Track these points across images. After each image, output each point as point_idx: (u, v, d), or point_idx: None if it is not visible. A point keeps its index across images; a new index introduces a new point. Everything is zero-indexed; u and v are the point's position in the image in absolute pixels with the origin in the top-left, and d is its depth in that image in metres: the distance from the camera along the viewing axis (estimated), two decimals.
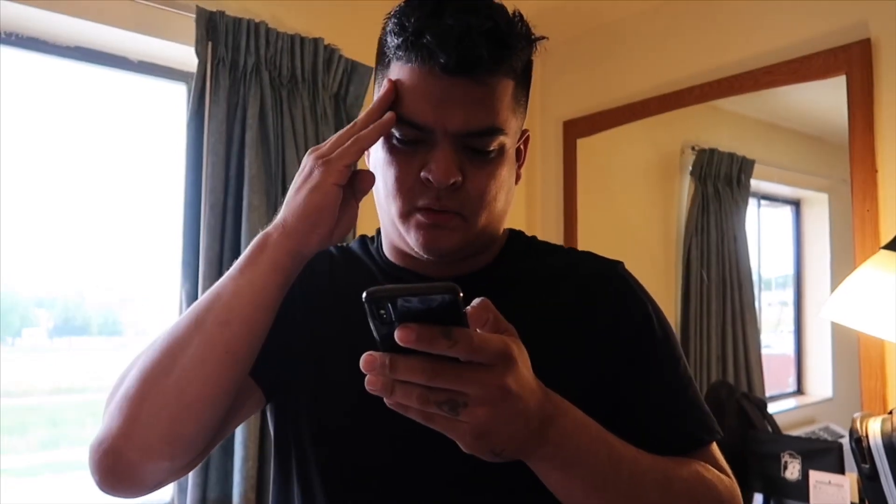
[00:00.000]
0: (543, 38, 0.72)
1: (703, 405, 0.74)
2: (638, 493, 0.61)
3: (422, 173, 0.66)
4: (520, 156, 0.78)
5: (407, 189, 0.68)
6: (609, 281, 0.77)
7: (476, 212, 0.69)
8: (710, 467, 0.70)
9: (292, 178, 1.98)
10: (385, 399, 0.50)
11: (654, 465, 0.64)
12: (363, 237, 0.87)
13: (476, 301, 0.52)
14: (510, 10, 0.69)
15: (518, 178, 0.78)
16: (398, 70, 0.67)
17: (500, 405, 0.49)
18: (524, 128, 0.77)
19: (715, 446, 0.74)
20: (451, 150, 0.65)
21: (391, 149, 0.69)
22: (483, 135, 0.66)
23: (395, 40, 0.66)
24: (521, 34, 0.68)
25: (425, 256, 0.71)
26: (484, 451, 0.51)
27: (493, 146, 0.67)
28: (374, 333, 0.48)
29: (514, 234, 0.85)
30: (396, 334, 0.46)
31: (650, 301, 0.78)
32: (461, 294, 0.46)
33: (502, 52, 0.65)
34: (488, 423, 0.50)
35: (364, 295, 0.46)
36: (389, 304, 0.46)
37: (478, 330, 0.50)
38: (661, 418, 0.71)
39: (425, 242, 0.69)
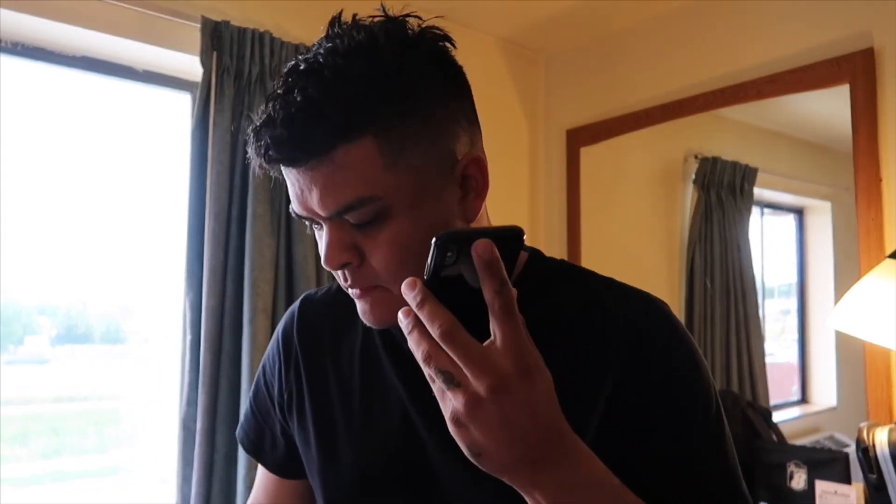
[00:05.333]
0: (436, 47, 0.63)
1: (731, 474, 0.65)
2: None
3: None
4: (468, 182, 0.65)
5: (328, 269, 0.66)
6: (628, 331, 0.66)
7: (393, 280, 0.63)
8: None
9: None
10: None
11: None
12: None
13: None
14: (373, 31, 0.60)
15: (476, 209, 0.66)
16: None
17: (485, 406, 0.48)
18: (465, 153, 0.64)
19: None
20: (335, 232, 0.62)
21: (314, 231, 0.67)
22: (350, 210, 0.60)
23: None
24: (358, 88, 0.58)
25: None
26: (462, 442, 0.50)
27: (370, 216, 0.60)
28: (428, 274, 0.50)
29: (533, 261, 0.75)
30: (477, 245, 0.48)
31: (677, 353, 0.66)
32: (525, 235, 0.51)
33: (310, 134, 0.58)
34: (468, 416, 0.49)
35: (434, 239, 0.49)
36: (458, 246, 0.49)
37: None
38: (675, 493, 0.62)
39: (363, 317, 0.66)
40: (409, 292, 0.50)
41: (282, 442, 0.83)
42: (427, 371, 0.50)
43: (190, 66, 1.71)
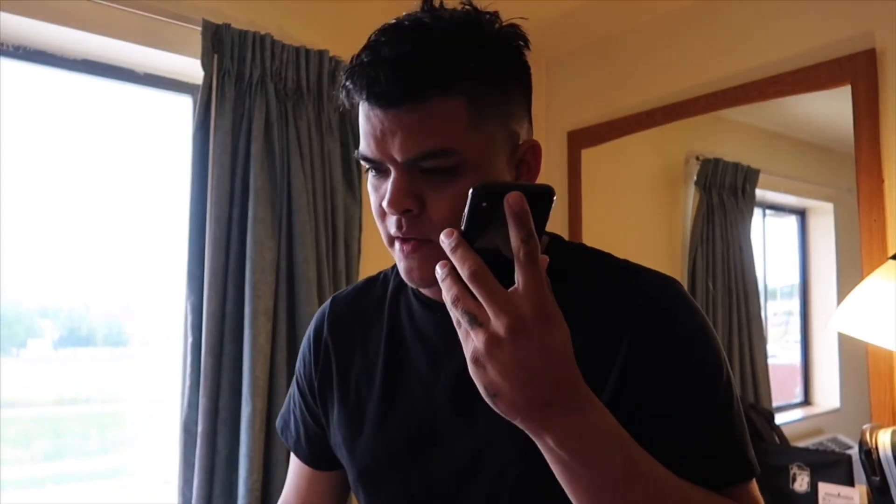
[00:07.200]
0: (514, 34, 0.69)
1: (738, 442, 0.68)
2: None
3: (382, 203, 0.67)
4: (522, 167, 0.72)
5: (381, 218, 0.70)
6: (643, 303, 0.70)
7: None
8: None
9: (297, 190, 1.98)
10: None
11: (678, 491, 0.61)
12: None
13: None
14: (471, 11, 0.67)
15: None
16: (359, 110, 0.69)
17: (503, 346, 0.51)
18: (525, 139, 0.72)
19: (753, 487, 0.69)
20: (404, 178, 0.65)
21: (370, 181, 0.71)
22: (429, 158, 0.64)
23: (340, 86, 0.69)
24: (459, 47, 0.64)
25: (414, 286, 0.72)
26: (479, 383, 0.54)
27: (444, 167, 0.65)
28: (464, 223, 0.54)
29: (554, 244, 0.78)
30: (509, 196, 0.51)
31: (689, 325, 0.70)
32: (555, 197, 0.54)
33: (420, 77, 0.63)
34: (486, 354, 0.52)
35: (472, 189, 0.53)
36: (493, 198, 0.53)
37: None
38: (682, 456, 0.65)
39: (405, 272, 0.70)
40: (445, 239, 0.54)
41: (314, 435, 0.89)
42: (454, 314, 0.54)
43: (191, 69, 1.71)
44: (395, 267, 0.88)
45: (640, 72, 2.17)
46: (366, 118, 0.66)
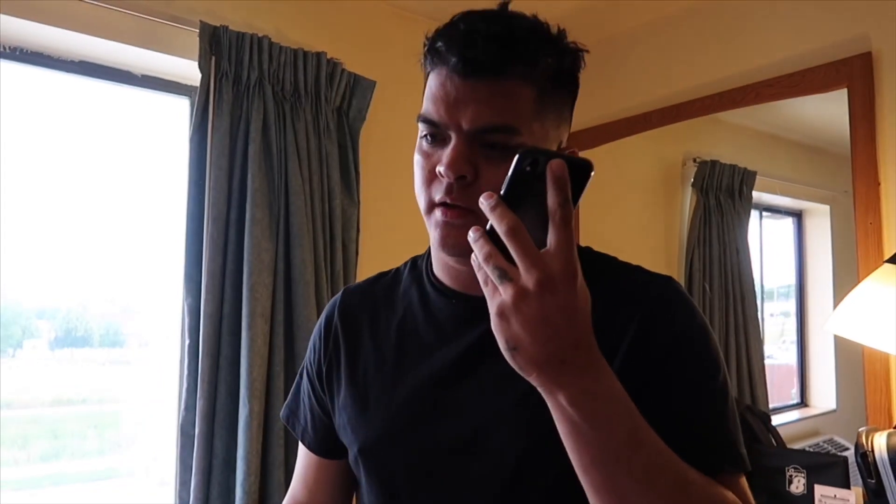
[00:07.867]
0: (580, 49, 0.74)
1: (731, 433, 0.70)
2: (648, 487, 0.59)
3: (437, 167, 0.70)
4: None
5: (427, 184, 0.72)
6: (650, 296, 0.74)
7: None
8: (734, 495, 0.67)
9: (295, 192, 1.97)
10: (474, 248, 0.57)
11: (677, 465, 0.62)
12: (414, 259, 0.90)
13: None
14: (545, 22, 0.72)
15: None
16: (429, 77, 0.73)
17: (530, 300, 0.54)
18: (565, 145, 0.77)
19: (743, 482, 0.71)
20: (464, 145, 0.68)
21: (419, 147, 0.74)
22: (494, 131, 0.68)
23: (423, 50, 0.73)
24: (541, 43, 0.70)
25: (444, 254, 0.75)
26: (501, 336, 0.56)
27: (504, 143, 0.68)
28: (505, 185, 0.57)
29: None
30: (553, 162, 0.55)
31: (692, 322, 0.73)
32: (593, 172, 0.57)
33: (507, 55, 0.68)
34: (513, 307, 0.54)
35: (518, 152, 0.57)
36: (536, 162, 0.56)
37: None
38: (676, 445, 0.65)
39: (440, 238, 0.71)
40: (485, 200, 0.56)
41: (322, 423, 0.91)
42: (483, 272, 0.56)
43: (188, 70, 1.71)
44: (407, 264, 0.91)
45: (637, 74, 2.18)
46: (440, 84, 0.70)
